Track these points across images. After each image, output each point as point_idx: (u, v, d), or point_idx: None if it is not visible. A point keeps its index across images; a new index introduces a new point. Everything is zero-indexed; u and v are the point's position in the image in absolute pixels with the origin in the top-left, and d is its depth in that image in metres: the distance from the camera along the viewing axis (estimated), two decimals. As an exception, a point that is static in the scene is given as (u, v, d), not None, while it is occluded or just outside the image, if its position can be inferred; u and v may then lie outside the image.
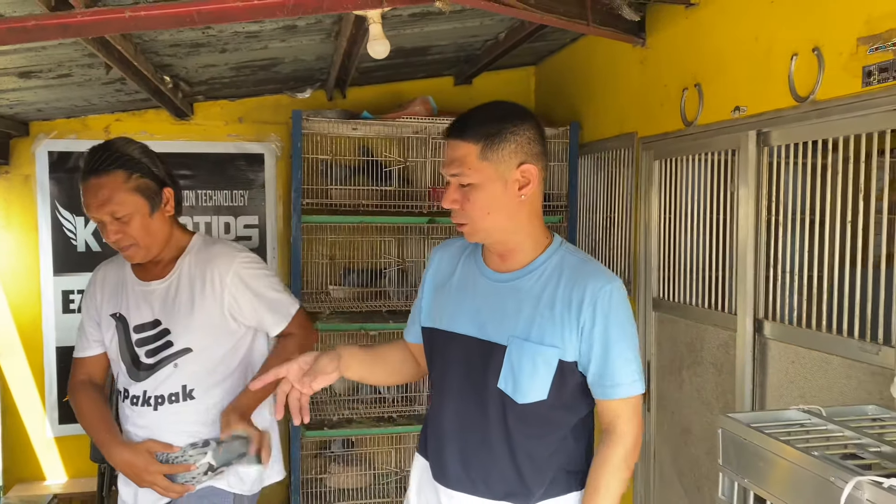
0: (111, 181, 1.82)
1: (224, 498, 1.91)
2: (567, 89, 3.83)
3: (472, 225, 1.53)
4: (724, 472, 1.76)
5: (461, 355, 1.57)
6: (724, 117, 2.46)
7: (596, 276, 1.52)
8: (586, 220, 3.62)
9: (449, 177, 1.52)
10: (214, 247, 1.99)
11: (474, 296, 1.59)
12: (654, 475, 2.98)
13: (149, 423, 1.91)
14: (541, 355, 1.49)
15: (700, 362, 2.67)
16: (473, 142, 1.50)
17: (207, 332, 1.91)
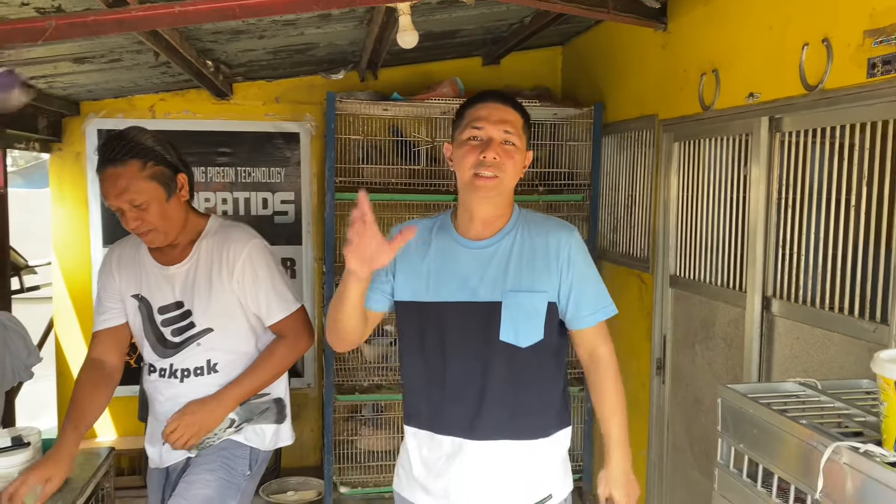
0: (128, 170, 1.88)
1: (242, 450, 2.05)
2: (592, 70, 3.92)
3: (502, 179, 1.67)
4: (722, 438, 1.91)
5: (458, 321, 1.70)
6: (739, 103, 2.55)
7: (560, 227, 1.77)
8: (608, 199, 3.73)
9: (500, 133, 1.67)
10: (232, 230, 2.06)
11: (457, 265, 1.72)
12: (667, 443, 3.13)
13: (176, 394, 2.03)
14: (533, 301, 1.70)
15: (712, 337, 2.79)
16: (521, 115, 1.73)
17: (225, 313, 2.02)
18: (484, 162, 1.65)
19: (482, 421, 1.70)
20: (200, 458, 2.01)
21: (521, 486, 1.74)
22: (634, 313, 3.40)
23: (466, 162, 1.67)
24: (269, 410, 2.08)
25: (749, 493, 1.77)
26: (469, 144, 1.68)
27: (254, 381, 2.04)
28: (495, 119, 1.68)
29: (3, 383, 3.04)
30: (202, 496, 1.91)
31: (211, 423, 1.98)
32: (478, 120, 1.68)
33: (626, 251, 3.51)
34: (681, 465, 3.03)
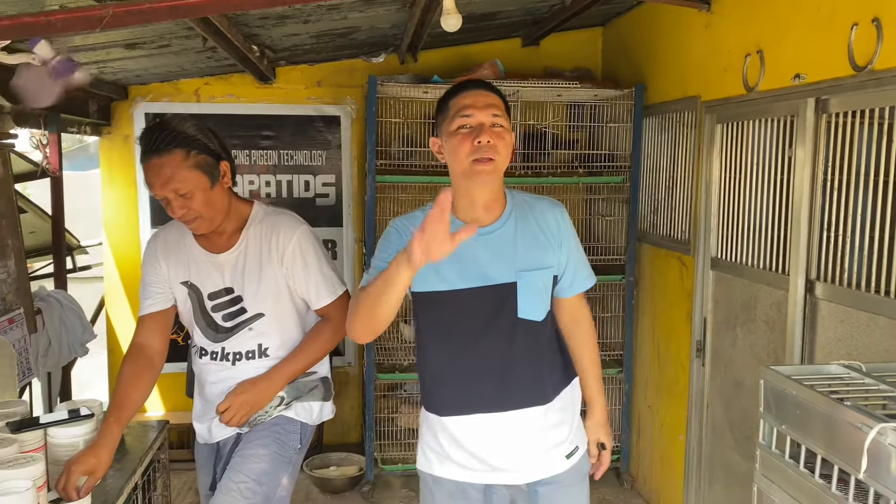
0: (171, 160, 1.90)
1: (294, 425, 2.12)
2: (633, 51, 3.90)
3: (498, 162, 1.72)
4: (764, 419, 1.92)
5: (476, 306, 1.77)
6: (784, 84, 2.53)
7: (551, 204, 1.88)
8: (648, 181, 3.72)
9: (488, 117, 1.72)
10: (279, 217, 2.09)
11: (466, 252, 1.72)
12: (706, 426, 3.14)
13: (227, 376, 2.09)
14: (542, 278, 1.82)
15: (753, 320, 2.79)
16: (501, 98, 1.79)
17: (276, 298, 2.06)
18: (480, 147, 1.69)
19: (511, 394, 1.80)
20: (252, 433, 2.08)
21: (554, 445, 1.86)
22: (674, 295, 3.40)
23: (462, 150, 1.71)
24: (316, 389, 2.14)
25: (792, 474, 1.78)
26: (460, 133, 1.72)
27: (302, 361, 2.09)
28: (482, 104, 1.73)
29: (61, 359, 3.17)
30: (257, 470, 1.99)
31: (262, 401, 2.05)
32: (465, 108, 1.73)
33: (666, 233, 3.50)
34: (720, 448, 3.04)
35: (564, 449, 1.88)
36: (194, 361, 2.19)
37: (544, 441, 1.85)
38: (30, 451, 1.83)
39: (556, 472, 1.86)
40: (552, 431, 1.86)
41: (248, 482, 1.96)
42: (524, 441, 1.83)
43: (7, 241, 2.69)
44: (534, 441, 1.84)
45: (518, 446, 1.82)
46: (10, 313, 2.61)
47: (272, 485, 2.00)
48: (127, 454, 2.20)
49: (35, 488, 1.56)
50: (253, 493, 1.95)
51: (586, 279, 1.94)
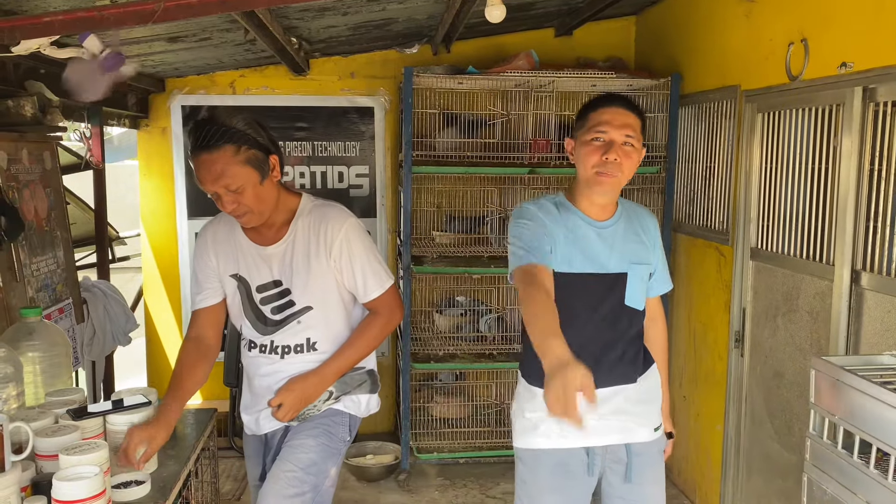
0: (222, 156, 1.90)
1: (343, 417, 2.13)
2: (668, 40, 3.87)
3: (621, 178, 1.91)
4: (815, 410, 1.92)
5: (590, 289, 1.96)
6: (829, 73, 2.51)
7: (648, 212, 2.13)
8: (684, 171, 3.70)
9: (621, 136, 1.88)
10: (328, 210, 2.09)
11: (591, 242, 1.97)
12: (745, 416, 3.14)
13: (275, 370, 2.09)
14: (644, 272, 2.02)
15: (795, 310, 2.78)
16: (639, 118, 1.95)
17: (324, 291, 2.06)
18: (606, 163, 1.87)
19: (613, 374, 1.97)
20: (301, 425, 2.10)
21: (645, 415, 2.03)
22: (711, 286, 3.39)
23: (590, 161, 1.89)
24: (364, 383, 2.16)
25: (844, 464, 1.78)
26: (593, 145, 1.88)
27: (352, 356, 2.11)
28: (619, 123, 1.88)
29: (105, 348, 3.23)
30: (306, 460, 2.00)
31: (313, 397, 2.07)
32: (602, 124, 1.88)
33: (703, 223, 3.49)
34: (759, 438, 3.04)
35: (654, 422, 2.05)
36: (243, 354, 2.20)
37: (636, 411, 2.01)
38: (90, 437, 1.88)
39: (646, 440, 2.02)
40: (643, 404, 2.03)
41: (296, 472, 1.98)
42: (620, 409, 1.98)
43: (56, 232, 2.74)
44: (627, 411, 1.99)
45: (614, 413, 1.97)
46: (60, 303, 2.66)
47: (321, 475, 2.02)
48: (181, 441, 2.24)
49: (102, 474, 1.60)
50: (301, 482, 1.97)
51: (667, 282, 2.15)
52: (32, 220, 2.55)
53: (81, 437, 1.84)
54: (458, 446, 3.86)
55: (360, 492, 3.72)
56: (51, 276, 2.62)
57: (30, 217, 2.52)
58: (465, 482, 3.79)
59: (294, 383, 2.05)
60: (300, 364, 2.09)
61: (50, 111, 2.64)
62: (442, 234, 3.94)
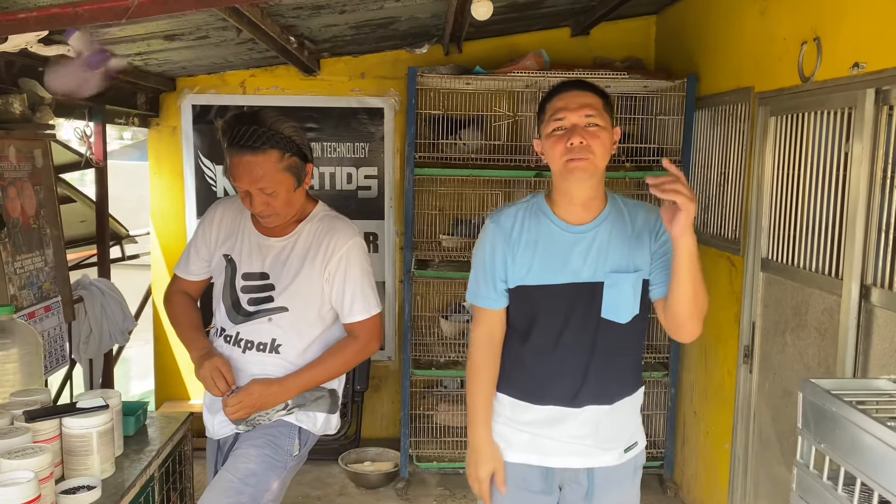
0: (266, 161, 1.90)
1: (291, 430, 2.07)
2: (686, 40, 3.72)
3: (592, 160, 1.74)
4: (803, 436, 1.78)
5: (563, 301, 1.82)
6: (841, 74, 2.35)
7: (645, 205, 1.89)
8: (700, 177, 3.55)
9: (581, 118, 1.75)
10: (338, 222, 2.09)
11: (561, 249, 1.83)
12: (753, 436, 2.97)
13: (235, 364, 2.06)
14: (631, 281, 1.82)
15: (804, 326, 2.61)
16: (599, 95, 1.81)
17: (305, 298, 2.03)
18: (572, 148, 1.74)
19: (584, 391, 1.84)
20: (249, 434, 2.05)
21: (613, 440, 1.89)
22: (723, 297, 3.23)
23: (556, 152, 1.77)
24: (322, 399, 2.09)
25: (828, 497, 1.64)
26: (555, 136, 1.77)
27: (319, 375, 2.06)
28: (575, 106, 1.76)
29: (101, 346, 3.24)
30: (245, 470, 1.95)
31: (270, 405, 2.02)
32: (558, 111, 1.77)
33: (716, 232, 3.33)
34: (766, 460, 2.88)
35: (623, 443, 1.91)
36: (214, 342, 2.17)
37: (605, 434, 1.88)
38: (44, 440, 1.84)
39: (613, 464, 1.89)
40: (614, 428, 1.89)
41: (233, 481, 1.93)
42: (586, 436, 1.86)
43: (46, 230, 2.74)
44: (595, 436, 1.87)
45: (579, 436, 1.86)
46: (46, 301, 2.66)
47: (259, 487, 1.95)
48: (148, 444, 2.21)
49: (37, 480, 1.56)
50: (238, 492, 1.91)
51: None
52: (18, 217, 2.55)
53: (33, 440, 1.81)
54: (459, 456, 3.76)
55: (357, 499, 3.66)
56: (37, 275, 2.62)
57: (15, 215, 2.52)
58: (466, 493, 3.69)
59: (254, 386, 2.01)
60: (260, 364, 2.05)
61: (41, 109, 2.64)
62: (447, 238, 3.86)
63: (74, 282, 3.23)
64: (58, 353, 2.67)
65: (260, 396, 2.00)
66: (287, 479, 2.07)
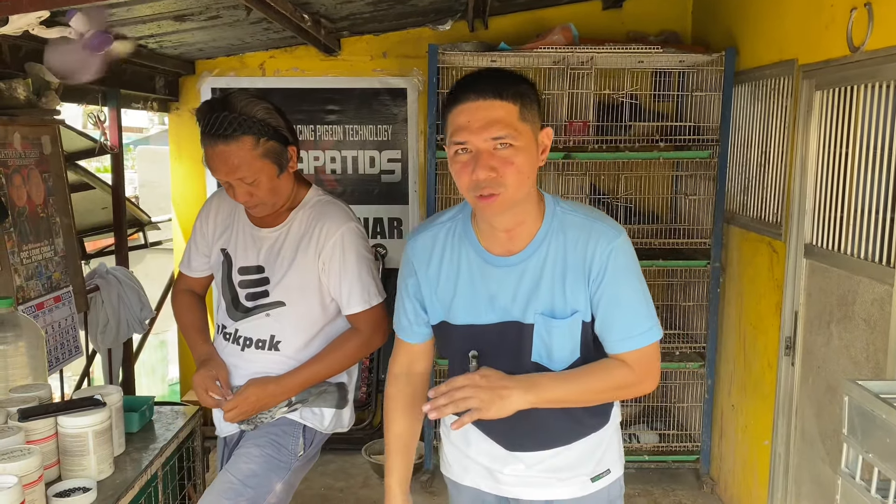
0: (240, 148, 1.77)
1: (296, 428, 1.96)
2: (724, 11, 3.50)
3: (507, 193, 1.41)
4: (848, 443, 1.62)
5: (489, 341, 1.53)
6: (894, 42, 2.14)
7: (600, 234, 1.49)
8: (738, 157, 3.34)
9: (486, 142, 1.39)
10: (330, 207, 1.97)
11: (484, 283, 1.53)
12: (794, 433, 2.79)
13: (235, 363, 1.97)
14: (567, 325, 1.50)
15: (851, 317, 2.42)
16: (512, 101, 1.40)
17: (301, 290, 1.92)
18: (477, 183, 1.40)
19: (520, 439, 1.61)
20: (252, 433, 1.96)
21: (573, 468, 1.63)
22: (763, 285, 3.04)
23: (462, 183, 1.43)
24: (327, 393, 1.98)
25: (877, 512, 1.49)
26: (458, 161, 1.42)
27: (320, 371, 1.95)
28: (477, 126, 1.39)
29: (119, 335, 3.19)
30: (246, 470, 1.86)
31: (269, 405, 1.92)
32: (459, 132, 1.41)
33: (756, 215, 3.13)
34: (809, 458, 2.70)
35: (588, 472, 1.65)
36: (216, 340, 2.09)
37: (562, 465, 1.63)
38: (39, 440, 1.77)
39: (578, 495, 1.64)
40: (570, 460, 1.63)
41: (234, 482, 1.84)
42: (537, 465, 1.63)
43: (56, 218, 2.68)
44: (549, 466, 1.63)
45: (530, 468, 1.63)
46: (56, 291, 2.61)
47: (260, 489, 1.85)
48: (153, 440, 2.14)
49: (20, 486, 1.48)
50: (237, 494, 1.82)
51: (628, 339, 1.50)
52: (24, 206, 2.49)
53: (27, 440, 1.75)
54: (485, 447, 3.65)
55: (380, 491, 3.53)
56: (45, 265, 2.56)
57: (21, 203, 2.46)
58: (492, 486, 3.58)
59: (251, 389, 1.90)
60: (260, 362, 1.95)
61: (47, 94, 2.56)
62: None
63: (90, 271, 3.19)
64: (70, 345, 2.62)
65: (257, 400, 1.90)
66: (293, 480, 1.97)
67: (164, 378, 7.59)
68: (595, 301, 1.49)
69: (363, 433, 3.92)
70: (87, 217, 3.76)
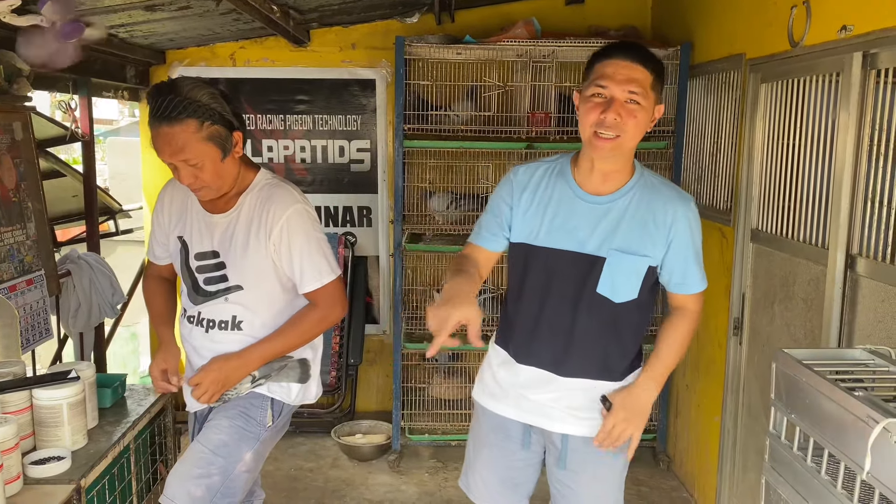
0: (183, 131, 1.82)
1: (263, 400, 2.03)
2: (682, 6, 3.64)
3: (622, 140, 1.71)
4: (775, 407, 1.75)
5: (562, 267, 1.80)
6: (830, 38, 2.28)
7: (678, 197, 1.83)
8: (693, 148, 3.49)
9: (624, 92, 1.68)
10: (277, 189, 2.01)
11: (571, 216, 1.80)
12: (742, 408, 2.95)
13: (199, 345, 2.03)
14: (635, 264, 1.79)
15: (791, 297, 2.57)
16: (650, 71, 1.72)
17: (257, 273, 1.98)
18: (604, 122, 1.68)
19: (566, 361, 1.84)
20: (222, 406, 2.03)
21: (591, 412, 1.87)
22: (714, 269, 3.18)
23: (588, 119, 1.71)
24: (288, 368, 2.05)
25: (798, 468, 1.62)
26: (592, 101, 1.71)
27: (280, 344, 2.02)
28: (621, 78, 1.69)
29: (90, 320, 3.24)
30: (216, 441, 1.94)
31: (234, 380, 1.99)
32: (602, 77, 1.70)
33: (709, 203, 3.28)
34: (754, 431, 2.85)
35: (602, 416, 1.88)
36: (181, 323, 2.15)
37: (581, 405, 1.87)
38: (14, 412, 1.85)
39: (589, 435, 1.87)
40: (593, 405, 1.87)
41: (205, 452, 1.92)
42: (569, 400, 1.87)
43: (28, 203, 2.73)
44: (579, 403, 1.87)
45: (562, 402, 1.87)
46: (28, 274, 2.66)
47: (231, 458, 1.94)
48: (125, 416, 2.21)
49: (-1, 450, 1.56)
50: (208, 463, 1.90)
51: (694, 284, 1.88)
52: (-3, 191, 2.54)
53: (3, 411, 1.82)
54: (452, 428, 3.77)
55: (349, 471, 3.68)
56: (17, 248, 2.62)
57: (-7, 188, 2.51)
58: (458, 465, 3.67)
59: (214, 363, 1.98)
60: (225, 341, 2.01)
61: (18, 80, 2.61)
62: (437, 212, 3.82)
63: (62, 256, 3.24)
64: (41, 327, 2.68)
65: (220, 371, 1.96)
66: (263, 450, 2.06)
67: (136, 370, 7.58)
68: (668, 252, 1.80)
69: (332, 416, 4.01)
70: (57, 205, 3.79)
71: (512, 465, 1.97)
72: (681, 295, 1.89)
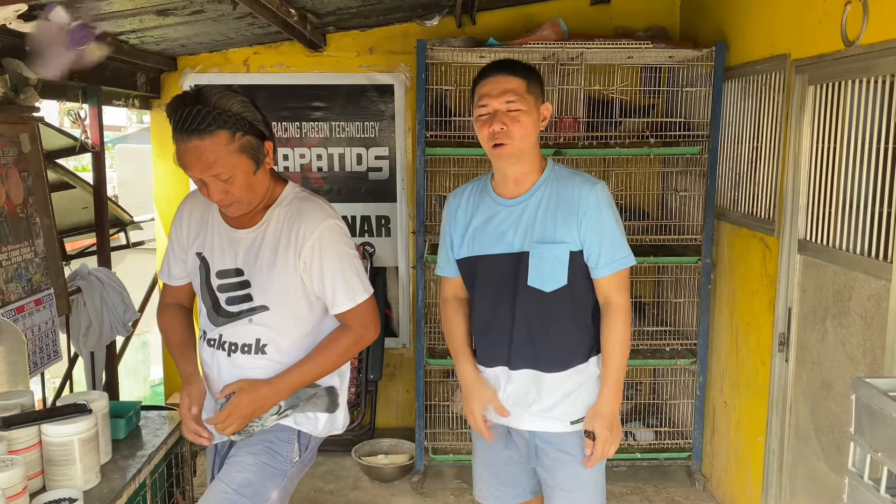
0: (214, 143, 1.68)
1: (290, 434, 1.89)
2: (714, 6, 3.48)
3: (514, 144, 1.88)
4: (855, 443, 1.60)
5: (496, 270, 1.96)
6: (890, 36, 2.12)
7: (585, 181, 1.95)
8: (729, 153, 3.33)
9: (502, 104, 1.87)
10: (307, 203, 1.89)
11: (496, 222, 1.97)
12: (788, 429, 2.78)
13: (221, 369, 1.89)
14: (555, 251, 1.91)
15: (847, 313, 2.41)
16: (521, 77, 1.90)
17: (284, 293, 1.85)
18: (494, 134, 1.88)
19: (517, 355, 1.96)
20: (245, 441, 1.88)
21: (555, 407, 1.97)
22: (755, 281, 3.03)
23: (482, 135, 1.92)
24: (316, 398, 1.91)
25: (886, 512, 1.46)
26: (480, 119, 1.91)
27: (311, 371, 1.87)
28: (496, 92, 1.88)
29: (102, 339, 3.11)
30: (241, 480, 1.79)
31: (261, 410, 1.84)
32: (483, 97, 1.90)
33: (748, 211, 3.12)
34: (804, 455, 2.69)
35: (572, 415, 1.96)
36: (200, 347, 1.99)
37: (545, 399, 1.96)
38: (23, 449, 1.71)
39: (555, 431, 1.97)
40: (555, 397, 1.96)
41: (228, 492, 1.77)
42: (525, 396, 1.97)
43: (35, 219, 2.60)
44: (533, 397, 1.96)
45: (522, 403, 1.97)
46: (37, 294, 2.53)
47: (256, 499, 1.79)
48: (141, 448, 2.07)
49: (4, 498, 1.42)
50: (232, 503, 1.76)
51: (612, 262, 1.93)
52: (3, 205, 2.41)
53: (10, 449, 1.68)
54: (476, 447, 3.61)
55: (371, 493, 3.53)
56: (25, 266, 2.48)
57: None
58: (484, 486, 3.54)
59: (243, 394, 1.81)
60: (248, 366, 1.86)
61: (25, 90, 2.48)
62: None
63: (72, 272, 3.10)
64: (50, 349, 2.54)
65: (250, 403, 1.81)
66: (289, 486, 1.91)
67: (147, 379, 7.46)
68: (583, 233, 1.90)
69: (353, 434, 3.86)
70: (66, 217, 3.67)
71: (501, 463, 2.10)
72: (604, 282, 1.94)
